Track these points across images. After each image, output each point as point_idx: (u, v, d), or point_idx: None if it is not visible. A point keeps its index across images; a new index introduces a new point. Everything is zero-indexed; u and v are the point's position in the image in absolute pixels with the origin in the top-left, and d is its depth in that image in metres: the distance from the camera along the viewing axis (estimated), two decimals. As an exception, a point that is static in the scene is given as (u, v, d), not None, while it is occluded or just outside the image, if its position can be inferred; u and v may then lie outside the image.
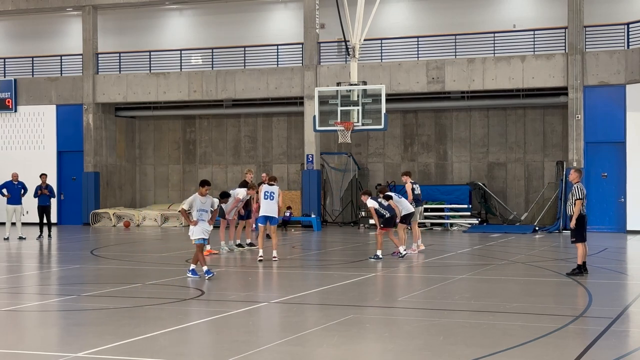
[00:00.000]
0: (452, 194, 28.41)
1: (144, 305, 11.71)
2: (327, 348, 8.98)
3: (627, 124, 25.56)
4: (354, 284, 14.24)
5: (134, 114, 33.00)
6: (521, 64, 26.76)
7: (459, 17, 29.14)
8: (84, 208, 31.00)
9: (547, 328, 9.89)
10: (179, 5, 32.23)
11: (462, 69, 27.33)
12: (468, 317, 10.64)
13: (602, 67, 25.93)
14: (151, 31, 32.70)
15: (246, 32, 31.38)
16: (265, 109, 31.52)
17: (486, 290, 13.25)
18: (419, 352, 8.71)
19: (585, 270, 14.68)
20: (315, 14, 28.60)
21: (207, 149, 33.03)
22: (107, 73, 31.43)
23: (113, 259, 18.68)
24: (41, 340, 9.59)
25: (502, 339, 9.28)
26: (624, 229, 25.63)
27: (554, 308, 11.84)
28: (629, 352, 8.84)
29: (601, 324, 10.06)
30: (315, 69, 28.67)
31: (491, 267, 16.60)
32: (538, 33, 27.44)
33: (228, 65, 30.32)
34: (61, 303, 12.26)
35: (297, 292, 13.21)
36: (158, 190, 33.60)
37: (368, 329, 10.09)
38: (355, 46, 21.49)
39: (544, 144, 29.31)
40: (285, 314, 11.38)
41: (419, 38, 28.57)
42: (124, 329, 9.88)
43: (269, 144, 32.27)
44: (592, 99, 26.09)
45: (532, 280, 14.03)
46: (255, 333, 9.82)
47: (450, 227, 27.65)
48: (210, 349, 9.01)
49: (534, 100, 28.40)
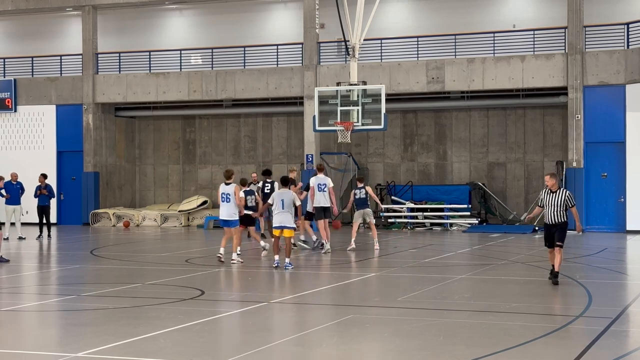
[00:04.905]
0: (452, 194, 28.41)
1: (143, 305, 11.71)
2: (327, 348, 8.97)
3: (626, 124, 25.56)
4: (353, 284, 14.24)
5: (133, 114, 32.99)
6: (521, 64, 26.76)
7: (459, 17, 29.13)
8: (84, 208, 30.99)
9: (547, 328, 9.89)
10: (179, 5, 32.23)
11: (462, 69, 27.32)
12: (468, 317, 10.64)
13: (601, 67, 25.93)
14: (151, 31, 32.70)
15: (246, 32, 31.38)
16: (265, 109, 31.52)
17: (486, 290, 13.25)
18: (419, 352, 8.71)
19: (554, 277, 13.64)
20: (315, 14, 28.59)
21: (206, 149, 33.03)
22: (106, 73, 31.42)
23: (113, 259, 18.67)
24: (41, 340, 9.59)
25: (502, 339, 9.27)
26: (623, 228, 25.63)
27: (554, 308, 11.84)
28: (629, 352, 8.84)
29: (601, 324, 10.05)
30: (315, 69, 28.67)
31: (491, 267, 16.60)
32: (538, 33, 27.44)
33: (228, 65, 30.32)
34: (61, 303, 12.26)
35: (297, 292, 13.21)
36: (158, 190, 33.60)
37: (368, 329, 10.09)
38: (355, 46, 21.48)
39: (543, 144, 29.31)
40: (285, 314, 11.39)
41: (418, 38, 28.57)
42: (123, 329, 9.87)
43: (269, 144, 32.27)
44: (591, 99, 26.09)
45: (532, 280, 14.02)
46: (255, 333, 9.82)
47: (450, 227, 27.64)
48: (210, 349, 9.01)
49: (534, 100, 28.39)
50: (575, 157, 26.04)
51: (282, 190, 16.26)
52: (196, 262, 16.91)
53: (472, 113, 30.07)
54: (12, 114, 31.90)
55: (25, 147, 31.85)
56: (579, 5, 26.10)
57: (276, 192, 16.42)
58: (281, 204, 15.93)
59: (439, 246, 21.59)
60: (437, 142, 30.46)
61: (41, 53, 32.79)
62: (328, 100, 21.38)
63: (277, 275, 15.38)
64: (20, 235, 24.11)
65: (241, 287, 14.13)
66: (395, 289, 13.58)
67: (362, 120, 20.91)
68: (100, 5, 31.30)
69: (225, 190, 16.89)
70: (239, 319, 10.68)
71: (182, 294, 12.87)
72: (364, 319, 10.69)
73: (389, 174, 30.78)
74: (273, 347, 8.93)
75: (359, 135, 29.19)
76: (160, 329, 9.83)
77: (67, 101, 31.49)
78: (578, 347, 8.83)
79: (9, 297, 13.00)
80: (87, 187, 31.07)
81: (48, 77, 31.85)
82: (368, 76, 25.99)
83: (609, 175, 26.10)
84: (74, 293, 12.92)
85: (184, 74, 30.42)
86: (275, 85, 29.36)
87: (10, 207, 24.28)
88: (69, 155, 31.54)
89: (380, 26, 28.50)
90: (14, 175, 24.68)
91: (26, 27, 33.78)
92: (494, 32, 27.81)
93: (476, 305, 11.56)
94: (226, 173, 17.18)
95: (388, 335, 9.61)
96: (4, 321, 10.78)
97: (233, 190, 16.84)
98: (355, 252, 19.48)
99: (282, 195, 16.04)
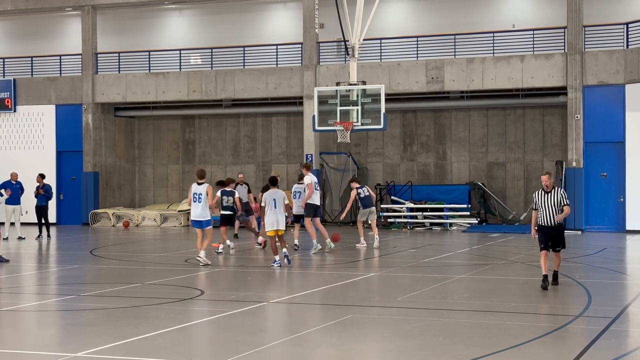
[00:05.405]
0: (452, 194, 28.41)
1: (143, 305, 11.71)
2: (327, 348, 8.97)
3: (626, 124, 25.55)
4: (353, 284, 14.24)
5: (133, 114, 32.99)
6: (520, 63, 26.75)
7: (458, 17, 29.13)
8: (83, 208, 30.98)
9: (547, 328, 9.90)
10: (178, 5, 32.22)
11: (462, 68, 27.32)
12: (467, 317, 10.64)
13: (601, 67, 25.93)
14: (150, 31, 32.69)
15: (245, 32, 31.37)
16: (264, 109, 31.51)
17: (486, 290, 13.25)
18: (419, 352, 8.71)
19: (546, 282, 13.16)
20: (315, 14, 28.59)
21: (206, 149, 33.02)
22: (106, 73, 31.41)
23: (112, 259, 18.67)
24: (40, 340, 9.59)
25: (501, 338, 9.27)
26: (623, 228, 25.63)
27: (554, 308, 11.84)
28: (629, 351, 8.84)
29: (600, 323, 10.05)
30: (315, 69, 28.66)
31: (490, 267, 16.60)
32: (537, 33, 27.44)
33: (227, 65, 30.31)
34: (60, 303, 12.26)
35: (297, 292, 13.21)
36: (157, 190, 33.59)
37: (368, 329, 10.09)
38: (355, 46, 21.48)
39: (543, 144, 29.31)
40: (285, 314, 11.39)
41: (418, 38, 28.57)
42: (123, 329, 9.87)
43: (268, 143, 32.26)
44: (591, 98, 26.09)
45: (532, 280, 14.02)
46: (254, 333, 9.82)
47: (450, 227, 27.64)
48: (210, 349, 9.01)
49: (533, 100, 28.39)
50: (574, 157, 26.04)
51: (273, 190, 16.51)
52: (196, 262, 16.89)
53: (471, 113, 30.07)
54: (12, 114, 31.89)
55: (25, 147, 31.84)
56: (579, 5, 26.10)
57: (268, 193, 16.58)
58: (273, 204, 16.16)
59: (438, 246, 21.60)
60: (437, 142, 30.46)
61: (40, 53, 32.78)
62: (327, 100, 21.38)
63: (277, 275, 15.38)
64: (20, 235, 24.10)
65: (241, 287, 14.12)
66: (395, 289, 13.58)
67: (361, 120, 20.91)
68: (100, 5, 31.29)
69: (198, 190, 16.65)
70: (238, 318, 10.67)
71: (182, 294, 12.87)
72: (364, 319, 10.69)
73: (389, 173, 30.78)
74: (272, 347, 8.93)
75: (359, 135, 29.19)
76: (159, 328, 9.82)
77: (66, 101, 31.48)
78: (578, 346, 8.83)
79: (8, 297, 13.00)
80: (87, 187, 31.06)
81: (47, 77, 31.84)
82: (367, 76, 25.98)
83: (608, 175, 26.10)
84: (73, 293, 12.92)
85: (183, 74, 30.41)
86: (274, 85, 29.36)
87: (10, 207, 24.26)
88: (69, 155, 31.53)
89: (379, 26, 28.50)
90: (14, 175, 24.66)
91: (25, 27, 33.77)
92: (494, 32, 27.81)
93: (476, 305, 11.56)
94: (199, 172, 16.91)
95: (388, 335, 9.61)
96: (4, 321, 10.78)
97: (206, 190, 16.64)
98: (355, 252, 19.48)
99: (274, 195, 16.29)
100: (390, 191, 29.54)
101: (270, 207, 16.15)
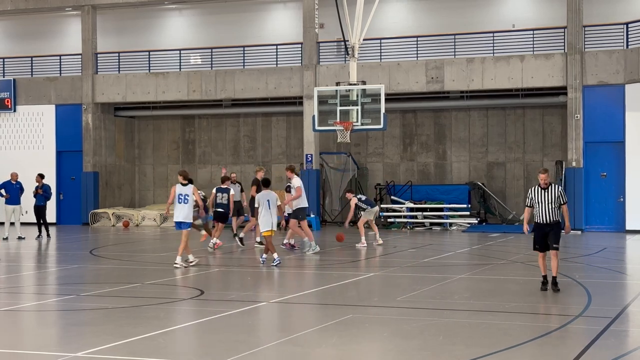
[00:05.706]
0: (451, 194, 28.41)
1: (142, 305, 11.71)
2: (327, 348, 8.97)
3: (626, 124, 25.56)
4: (353, 283, 14.24)
5: (133, 114, 32.99)
6: (520, 63, 26.75)
7: (458, 17, 29.13)
8: (83, 208, 30.98)
9: (547, 328, 9.90)
10: (178, 5, 32.22)
11: (462, 68, 27.32)
12: (467, 317, 10.64)
13: (601, 67, 25.93)
14: (150, 31, 32.69)
15: (245, 31, 31.37)
16: (264, 109, 31.51)
17: (486, 290, 13.24)
18: (419, 352, 8.71)
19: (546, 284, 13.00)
20: (315, 14, 28.58)
21: (206, 148, 33.02)
22: (106, 73, 31.41)
23: (112, 258, 18.67)
24: (40, 340, 9.59)
25: (501, 338, 9.27)
26: (623, 228, 25.64)
27: (554, 308, 11.84)
28: (629, 351, 8.84)
29: (600, 323, 10.05)
30: (315, 69, 28.66)
31: (490, 266, 16.60)
32: (537, 33, 27.44)
33: (227, 65, 30.31)
34: (60, 303, 12.26)
35: (297, 292, 13.20)
36: (157, 190, 33.58)
37: (367, 329, 10.09)
38: (355, 46, 21.48)
39: (543, 144, 29.31)
40: (285, 313, 11.39)
41: (418, 38, 28.57)
42: (122, 328, 9.87)
43: (268, 143, 32.26)
44: (591, 98, 26.09)
45: (532, 280, 14.01)
46: (254, 333, 9.82)
47: (450, 227, 27.64)
48: (210, 349, 9.01)
49: (533, 100, 28.40)
50: (574, 156, 26.05)
51: (266, 191, 16.74)
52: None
53: (471, 113, 30.07)
54: (12, 113, 31.89)
55: (25, 147, 31.84)
56: (579, 5, 26.10)
57: (261, 194, 16.75)
58: (267, 204, 16.41)
59: (438, 246, 21.59)
60: (437, 142, 30.46)
61: (40, 53, 32.78)
62: (327, 100, 21.38)
63: (277, 275, 15.38)
64: (20, 235, 24.09)
65: (240, 287, 14.12)
66: (395, 289, 13.58)
67: (361, 120, 20.91)
68: (100, 5, 31.28)
69: (183, 191, 16.25)
70: (238, 318, 10.67)
71: (182, 294, 12.86)
72: (364, 319, 10.69)
73: (389, 173, 30.78)
74: (272, 347, 8.93)
75: (359, 135, 29.19)
76: (159, 328, 9.82)
77: (66, 101, 31.48)
78: (578, 346, 8.83)
79: (8, 297, 12.99)
80: (87, 187, 31.06)
81: (47, 77, 31.83)
82: (367, 76, 25.98)
83: (608, 175, 26.10)
84: (73, 293, 12.92)
85: (183, 74, 30.41)
86: (274, 85, 29.35)
87: (10, 207, 24.27)
88: (69, 155, 31.53)
89: (379, 26, 28.50)
90: (14, 175, 24.66)
91: (25, 27, 33.77)
92: (494, 32, 27.81)
93: (476, 305, 11.56)
94: (183, 173, 16.50)
95: (388, 335, 9.60)
96: (3, 321, 10.78)
97: (192, 191, 16.36)
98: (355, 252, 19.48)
99: (267, 196, 16.56)
100: (390, 191, 29.55)
101: (265, 207, 16.40)
